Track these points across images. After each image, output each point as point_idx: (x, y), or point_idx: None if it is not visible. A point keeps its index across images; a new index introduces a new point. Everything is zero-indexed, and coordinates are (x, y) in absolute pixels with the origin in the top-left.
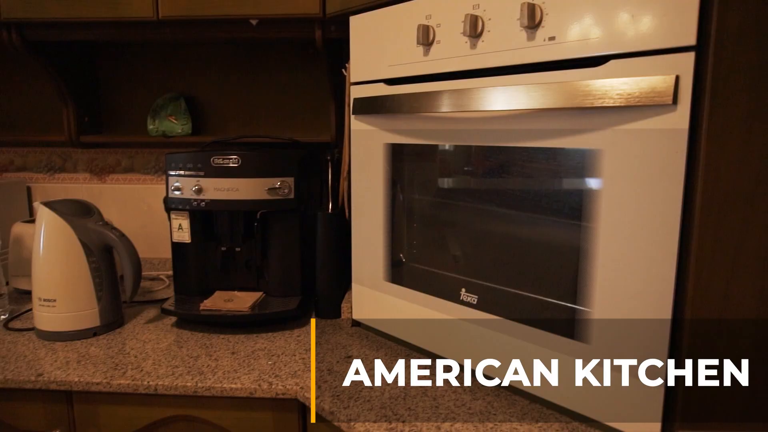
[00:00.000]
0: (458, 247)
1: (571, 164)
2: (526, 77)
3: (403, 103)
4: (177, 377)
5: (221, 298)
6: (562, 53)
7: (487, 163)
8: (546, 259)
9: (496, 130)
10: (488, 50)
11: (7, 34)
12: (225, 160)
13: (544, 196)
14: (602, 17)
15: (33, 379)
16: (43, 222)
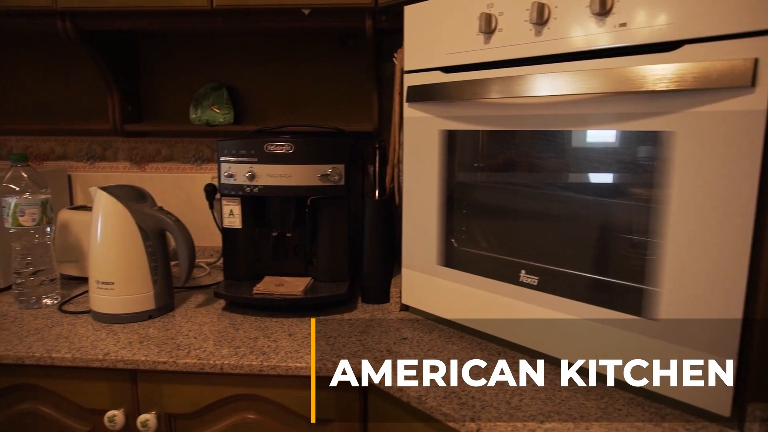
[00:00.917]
0: (516, 230)
1: (640, 147)
2: (594, 63)
3: (464, 89)
4: (241, 357)
5: (272, 282)
6: (633, 39)
7: (551, 148)
8: (610, 240)
9: (562, 115)
10: (554, 37)
11: (62, 23)
12: (278, 147)
13: (610, 178)
14: (677, 3)
15: (100, 358)
16: (102, 207)
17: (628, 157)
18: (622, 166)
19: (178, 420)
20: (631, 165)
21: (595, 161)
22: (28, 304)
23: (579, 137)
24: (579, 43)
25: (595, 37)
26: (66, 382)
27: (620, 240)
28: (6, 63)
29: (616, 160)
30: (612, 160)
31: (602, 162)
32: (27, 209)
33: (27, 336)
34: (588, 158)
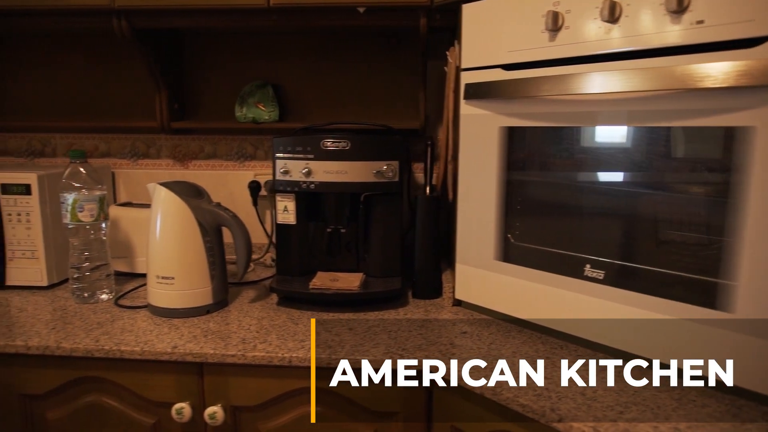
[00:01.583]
0: (580, 225)
1: (715, 142)
2: (669, 60)
3: (530, 86)
4: (308, 350)
5: (326, 278)
6: (711, 36)
7: (618, 144)
8: (681, 234)
9: (633, 112)
10: (625, 35)
11: (118, 21)
12: (335, 144)
13: (682, 174)
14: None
15: (169, 351)
16: (162, 202)
17: (700, 152)
18: (693, 162)
19: (243, 412)
20: (703, 161)
21: (665, 157)
22: (85, 298)
23: (648, 133)
24: (653, 41)
25: (669, 35)
26: (132, 375)
27: (692, 234)
28: (51, 62)
29: (688, 156)
30: (683, 156)
31: (672, 158)
32: (86, 205)
33: (92, 330)
34: (658, 154)
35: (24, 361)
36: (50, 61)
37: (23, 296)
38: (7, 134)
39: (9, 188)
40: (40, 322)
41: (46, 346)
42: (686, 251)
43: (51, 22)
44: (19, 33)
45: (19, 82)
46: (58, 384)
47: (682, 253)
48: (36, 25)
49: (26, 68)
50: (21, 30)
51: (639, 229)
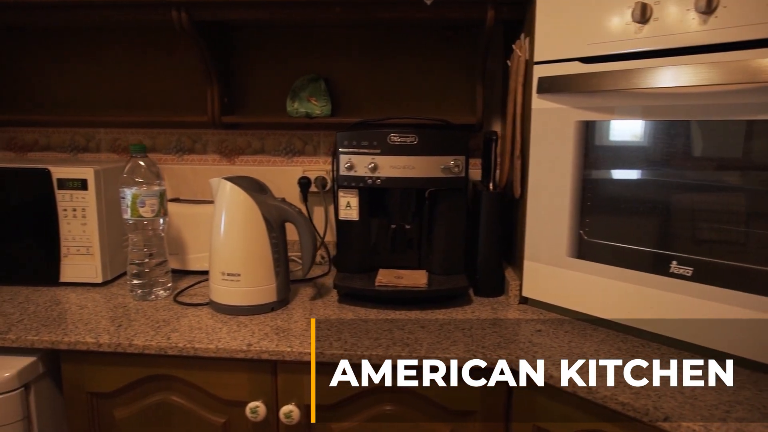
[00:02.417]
0: (665, 222)
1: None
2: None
3: (617, 80)
4: (386, 348)
5: (390, 275)
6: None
7: (709, 137)
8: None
9: (728, 105)
10: (722, 26)
11: (177, 13)
12: (402, 138)
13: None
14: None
15: (244, 349)
16: (228, 198)
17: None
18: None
19: (317, 411)
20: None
21: (762, 151)
22: (143, 295)
23: (743, 127)
24: (756, 32)
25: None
26: (204, 373)
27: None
28: (96, 56)
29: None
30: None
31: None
32: (147, 200)
33: (159, 327)
34: (752, 148)
35: (92, 358)
36: (94, 55)
37: (79, 293)
38: (50, 129)
39: (65, 183)
40: (104, 319)
41: (118, 343)
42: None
43: (106, 15)
44: (66, 26)
45: (63, 77)
46: (127, 382)
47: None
48: (90, 17)
49: (70, 62)
50: (73, 23)
51: (731, 225)
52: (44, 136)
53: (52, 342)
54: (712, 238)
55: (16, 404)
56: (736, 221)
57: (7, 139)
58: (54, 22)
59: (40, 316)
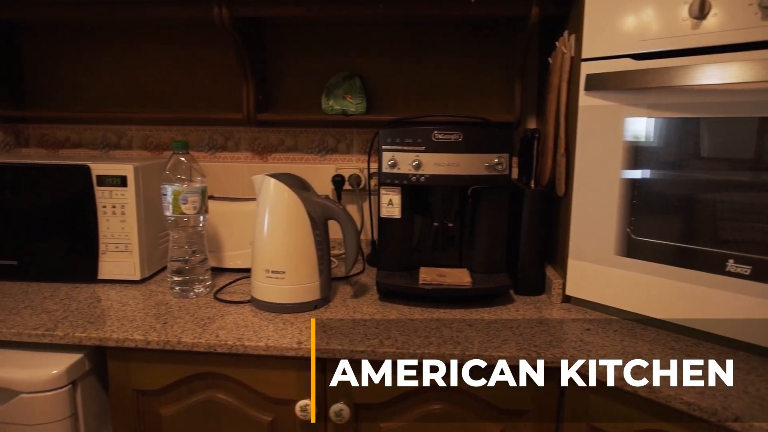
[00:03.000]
0: (722, 220)
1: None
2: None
3: (673, 76)
4: (437, 346)
5: (433, 273)
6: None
7: (763, 135)
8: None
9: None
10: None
11: (218, 9)
12: (446, 136)
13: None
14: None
15: (295, 347)
16: (273, 195)
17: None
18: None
19: (364, 410)
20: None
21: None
22: (183, 292)
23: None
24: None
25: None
26: (252, 371)
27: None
28: (128, 53)
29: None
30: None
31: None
32: (189, 197)
33: (205, 325)
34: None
35: (138, 355)
36: (127, 52)
37: (118, 290)
38: (82, 126)
39: (104, 180)
40: (148, 316)
41: (167, 340)
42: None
43: (146, 11)
44: (99, 23)
45: (95, 74)
46: (173, 380)
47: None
48: (130, 14)
49: (103, 59)
50: (109, 19)
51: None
52: (76, 133)
53: (100, 339)
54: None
55: (64, 401)
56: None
57: (39, 136)
58: (88, 19)
59: (84, 313)
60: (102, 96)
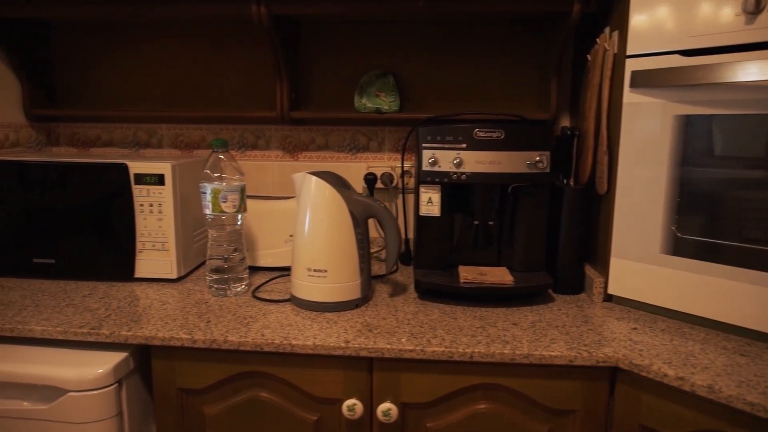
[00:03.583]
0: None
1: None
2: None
3: (725, 72)
4: (486, 345)
5: (473, 272)
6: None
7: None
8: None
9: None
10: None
11: (257, 7)
12: (488, 134)
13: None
14: None
15: (342, 346)
16: (315, 193)
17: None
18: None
19: (410, 409)
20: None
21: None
22: (222, 291)
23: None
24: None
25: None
26: (297, 370)
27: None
28: (158, 51)
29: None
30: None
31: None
32: (229, 195)
33: (248, 323)
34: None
35: (183, 354)
36: (158, 51)
37: (155, 289)
38: (113, 125)
39: (142, 178)
40: (190, 315)
41: (213, 339)
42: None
43: (184, 9)
44: (131, 22)
45: (126, 72)
46: (218, 379)
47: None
48: (164, 12)
49: (133, 57)
50: (142, 18)
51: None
52: (107, 132)
53: (146, 338)
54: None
55: (111, 400)
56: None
57: (69, 134)
58: (121, 17)
59: (126, 312)
60: (132, 94)
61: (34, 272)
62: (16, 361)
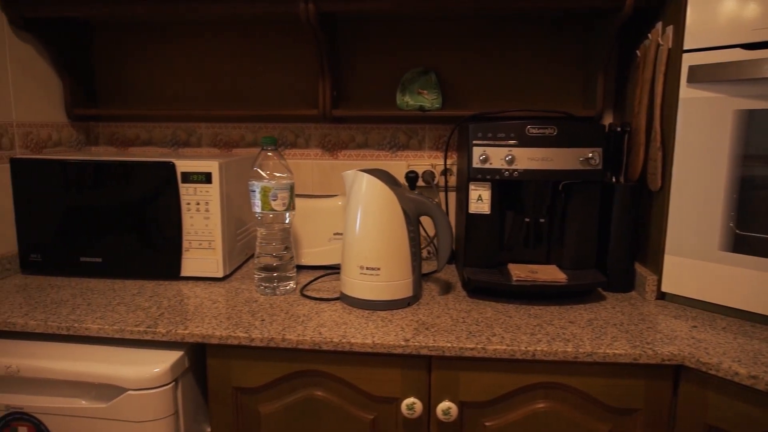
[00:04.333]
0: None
1: None
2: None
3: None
4: (548, 343)
5: (524, 270)
6: None
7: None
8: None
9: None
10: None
11: (305, 4)
12: (541, 130)
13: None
14: None
15: (402, 344)
16: (367, 190)
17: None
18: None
19: (468, 408)
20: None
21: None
22: (271, 290)
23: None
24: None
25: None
26: (355, 369)
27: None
28: (201, 50)
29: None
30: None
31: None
32: (279, 193)
33: (303, 322)
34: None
35: (238, 353)
36: (197, 50)
37: (203, 287)
38: (151, 124)
39: (189, 177)
40: (243, 313)
41: (270, 338)
42: None
43: (232, 8)
44: (171, 21)
45: (166, 72)
46: (274, 378)
47: None
48: (210, 11)
49: (172, 56)
50: (189, 18)
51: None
52: (146, 131)
53: (203, 336)
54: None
55: (168, 399)
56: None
57: (108, 134)
58: (164, 17)
59: (178, 311)
60: (172, 93)
61: (81, 271)
62: (74, 360)
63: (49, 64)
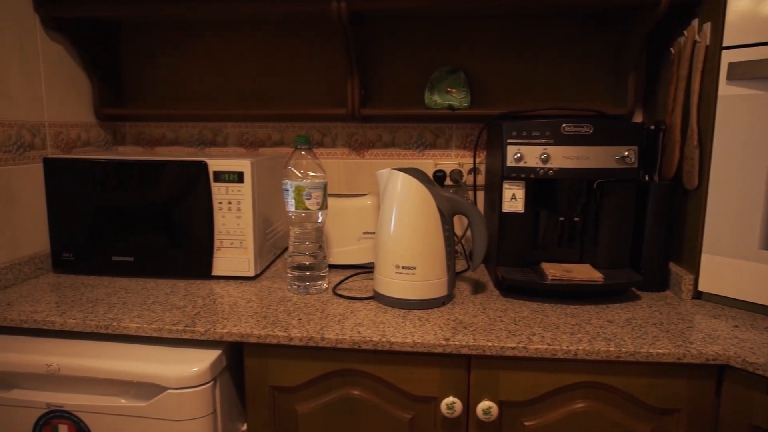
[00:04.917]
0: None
1: None
2: None
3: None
4: (589, 342)
5: (559, 269)
6: None
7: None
8: None
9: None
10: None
11: (337, 3)
12: (576, 128)
13: None
14: None
15: (443, 343)
16: (403, 189)
17: None
18: None
19: (507, 407)
20: None
21: None
22: (304, 289)
23: None
24: None
25: None
26: (393, 368)
27: None
28: (224, 50)
29: None
30: None
31: None
32: (313, 192)
33: (340, 321)
34: None
35: (275, 351)
36: (222, 49)
37: (235, 286)
38: (178, 123)
39: (221, 176)
40: (279, 312)
41: (309, 337)
42: None
43: (259, 8)
44: (199, 20)
45: (192, 70)
46: (311, 377)
47: None
48: (245, 9)
49: (199, 56)
50: (217, 17)
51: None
52: (172, 131)
53: (242, 335)
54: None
55: (208, 398)
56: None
57: (135, 134)
58: (194, 16)
59: (213, 309)
60: (198, 93)
61: (113, 270)
62: (114, 359)
63: (78, 63)
